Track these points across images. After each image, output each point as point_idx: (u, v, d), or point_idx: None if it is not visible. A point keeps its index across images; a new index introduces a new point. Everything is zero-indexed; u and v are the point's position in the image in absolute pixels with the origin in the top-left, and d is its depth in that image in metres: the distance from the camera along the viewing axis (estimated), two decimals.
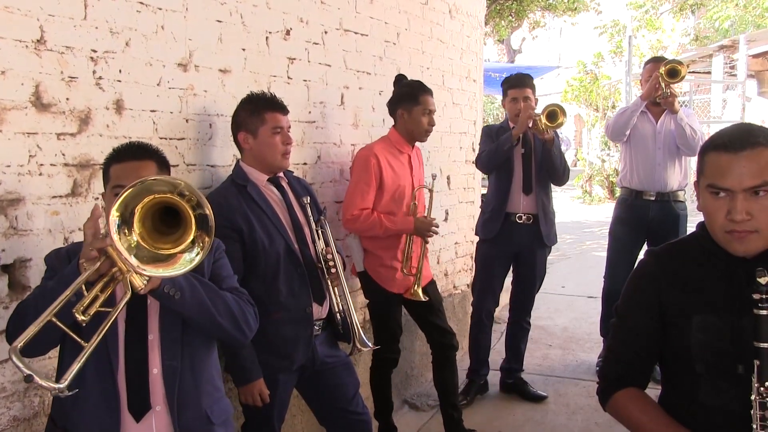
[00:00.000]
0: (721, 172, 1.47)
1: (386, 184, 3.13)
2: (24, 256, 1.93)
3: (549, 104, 3.67)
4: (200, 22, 2.48)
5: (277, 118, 2.43)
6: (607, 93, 14.29)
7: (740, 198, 1.45)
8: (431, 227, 3.18)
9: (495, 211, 3.83)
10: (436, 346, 3.39)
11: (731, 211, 1.46)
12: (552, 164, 3.71)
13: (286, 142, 2.46)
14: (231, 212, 2.33)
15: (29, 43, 1.91)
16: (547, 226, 3.81)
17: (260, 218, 2.39)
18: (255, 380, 2.33)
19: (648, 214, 4.10)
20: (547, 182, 3.84)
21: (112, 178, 1.77)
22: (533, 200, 3.79)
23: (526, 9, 13.58)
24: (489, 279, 3.95)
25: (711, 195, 1.50)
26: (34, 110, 1.94)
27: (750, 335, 1.48)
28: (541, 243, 3.82)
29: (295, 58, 3.01)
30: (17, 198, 1.91)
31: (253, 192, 2.42)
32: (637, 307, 1.68)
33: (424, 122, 3.20)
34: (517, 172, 3.78)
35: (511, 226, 3.80)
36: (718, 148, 1.49)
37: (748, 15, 18.06)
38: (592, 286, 6.70)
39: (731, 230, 1.47)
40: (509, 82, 3.88)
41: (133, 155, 1.79)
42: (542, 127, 3.60)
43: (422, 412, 3.87)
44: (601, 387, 1.73)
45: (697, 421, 1.56)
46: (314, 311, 2.47)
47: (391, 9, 3.77)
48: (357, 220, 3.09)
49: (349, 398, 2.58)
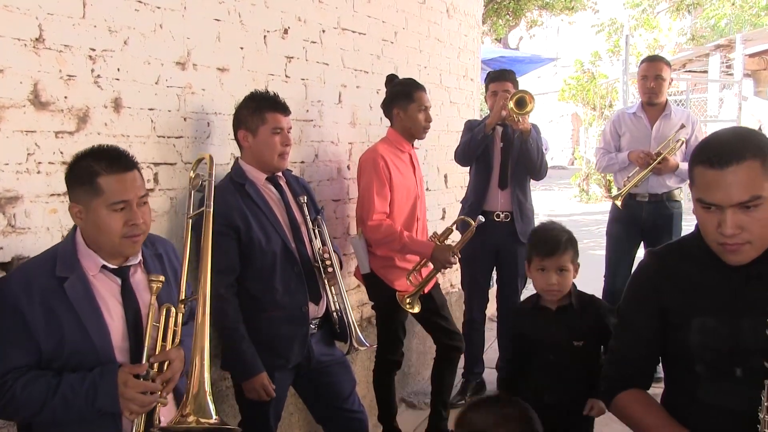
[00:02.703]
0: (708, 187, 1.44)
1: (395, 185, 3.11)
2: (22, 254, 1.93)
3: (517, 90, 3.60)
4: (198, 20, 2.48)
5: (278, 119, 2.43)
6: (604, 92, 14.29)
7: (729, 213, 1.42)
8: (449, 261, 3.08)
9: (473, 206, 3.81)
10: (443, 347, 3.37)
11: (721, 225, 1.43)
12: (528, 156, 3.69)
13: (285, 143, 2.45)
14: (228, 210, 2.33)
15: (28, 42, 1.91)
16: (524, 224, 3.77)
17: (258, 217, 2.39)
18: (258, 374, 2.33)
19: (641, 215, 4.09)
20: (525, 178, 3.81)
21: (108, 192, 1.70)
22: (508, 197, 3.77)
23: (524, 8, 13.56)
24: (473, 276, 3.95)
25: (701, 207, 1.48)
26: (33, 108, 1.94)
27: (748, 337, 1.48)
28: (519, 241, 3.75)
29: (293, 57, 3.01)
30: (15, 196, 1.92)
31: (251, 190, 2.42)
32: (638, 308, 1.68)
33: (421, 119, 3.18)
34: (495, 167, 3.76)
35: (489, 224, 3.75)
36: (704, 162, 1.45)
37: (744, 14, 18.10)
38: (590, 285, 6.65)
39: (723, 243, 1.46)
40: (490, 76, 3.89)
41: (125, 167, 1.74)
42: (513, 116, 3.51)
43: (419, 411, 3.87)
44: (604, 387, 1.74)
45: (698, 419, 1.56)
46: (310, 310, 2.47)
47: (388, 8, 3.77)
48: (379, 229, 3.04)
49: (345, 397, 2.58)
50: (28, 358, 1.66)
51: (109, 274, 1.78)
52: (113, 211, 1.71)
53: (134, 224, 1.73)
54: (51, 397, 1.63)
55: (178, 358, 1.79)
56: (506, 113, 3.53)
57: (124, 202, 1.72)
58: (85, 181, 1.71)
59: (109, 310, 1.74)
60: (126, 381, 1.66)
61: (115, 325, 1.74)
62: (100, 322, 1.71)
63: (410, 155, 3.28)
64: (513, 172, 3.75)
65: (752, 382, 1.47)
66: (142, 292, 1.82)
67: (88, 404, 1.64)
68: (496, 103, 3.61)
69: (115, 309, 1.76)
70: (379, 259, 3.18)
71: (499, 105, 3.58)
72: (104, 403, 1.65)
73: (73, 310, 1.68)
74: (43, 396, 1.63)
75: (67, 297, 1.68)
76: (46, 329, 1.65)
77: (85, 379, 1.65)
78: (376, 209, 3.05)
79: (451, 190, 4.69)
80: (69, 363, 1.68)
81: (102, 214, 1.71)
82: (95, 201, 1.70)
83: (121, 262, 1.79)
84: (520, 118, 3.52)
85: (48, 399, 1.63)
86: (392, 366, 3.32)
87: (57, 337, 1.66)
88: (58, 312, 1.66)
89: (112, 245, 1.74)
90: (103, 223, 1.71)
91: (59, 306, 1.67)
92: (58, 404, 1.64)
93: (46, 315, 1.65)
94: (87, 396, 1.64)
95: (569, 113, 20.31)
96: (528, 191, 3.87)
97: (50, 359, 1.68)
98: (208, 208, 2.00)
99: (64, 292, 1.68)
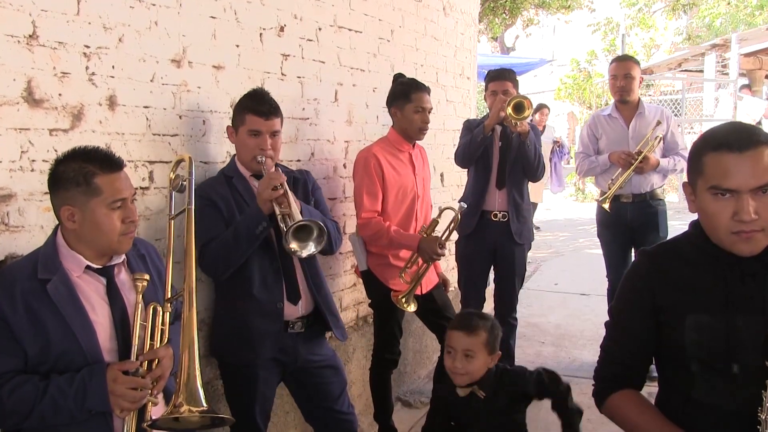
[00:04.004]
0: (725, 172, 1.43)
1: (389, 184, 3.11)
2: (15, 252, 1.91)
3: (515, 96, 3.58)
4: (194, 18, 2.47)
5: (256, 122, 2.40)
6: (600, 91, 14.36)
7: (747, 198, 1.42)
8: (436, 252, 3.04)
9: (472, 206, 3.79)
10: None
11: (739, 212, 1.42)
12: (526, 157, 3.68)
13: (261, 147, 2.41)
14: (213, 194, 2.39)
15: (21, 38, 1.90)
16: (519, 224, 3.77)
17: (242, 208, 2.41)
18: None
19: (627, 216, 4.11)
20: (521, 178, 3.80)
21: (106, 191, 1.71)
22: (505, 197, 3.76)
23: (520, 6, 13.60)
24: (470, 275, 3.95)
25: (713, 197, 1.46)
26: (26, 106, 1.93)
27: (744, 334, 1.48)
28: (515, 241, 3.77)
29: (289, 55, 3.00)
30: (9, 194, 1.90)
31: (239, 184, 2.45)
32: (631, 308, 1.67)
33: (417, 120, 3.16)
34: (493, 166, 3.76)
35: (487, 224, 3.77)
36: (719, 148, 1.44)
37: (739, 13, 18.16)
38: (585, 284, 6.73)
39: (739, 231, 1.44)
40: (490, 75, 3.88)
41: (118, 166, 1.76)
42: (511, 120, 3.49)
43: (415, 410, 3.87)
44: (597, 388, 1.73)
45: (693, 419, 1.56)
46: (288, 310, 2.45)
47: (385, 6, 3.76)
48: (368, 226, 3.06)
49: (335, 397, 2.57)
50: (14, 363, 1.64)
51: (93, 274, 1.77)
52: (112, 209, 1.73)
53: (132, 221, 1.76)
54: (39, 401, 1.61)
55: (167, 356, 1.78)
56: (504, 115, 3.53)
57: (121, 201, 1.74)
58: (80, 182, 1.70)
59: (94, 310, 1.73)
60: (116, 377, 1.65)
61: (102, 325, 1.73)
62: (85, 322, 1.69)
63: (410, 155, 3.27)
64: (510, 172, 3.75)
65: (748, 380, 1.47)
66: (127, 291, 1.82)
67: (78, 405, 1.63)
68: (495, 105, 3.60)
69: (101, 309, 1.75)
70: (375, 256, 3.19)
71: (497, 107, 3.57)
72: (94, 403, 1.64)
73: (57, 312, 1.66)
74: (30, 400, 1.61)
75: (50, 299, 1.66)
76: (31, 333, 1.64)
77: (73, 380, 1.64)
78: (365, 207, 3.07)
79: (448, 188, 4.69)
80: (56, 366, 1.66)
81: (101, 213, 1.71)
82: (93, 201, 1.71)
83: (105, 262, 1.79)
84: (517, 123, 3.52)
85: (36, 403, 1.61)
86: (389, 364, 3.32)
87: (42, 340, 1.64)
88: (42, 315, 1.65)
89: (110, 243, 1.75)
90: (103, 222, 1.72)
91: (43, 308, 1.65)
92: (47, 408, 1.62)
93: (30, 319, 1.64)
94: (76, 397, 1.62)
95: (565, 112, 20.32)
96: (525, 192, 3.87)
97: (37, 363, 1.66)
98: (189, 206, 2.02)
99: (47, 294, 1.66)
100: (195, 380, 1.74)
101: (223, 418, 1.81)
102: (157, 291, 1.88)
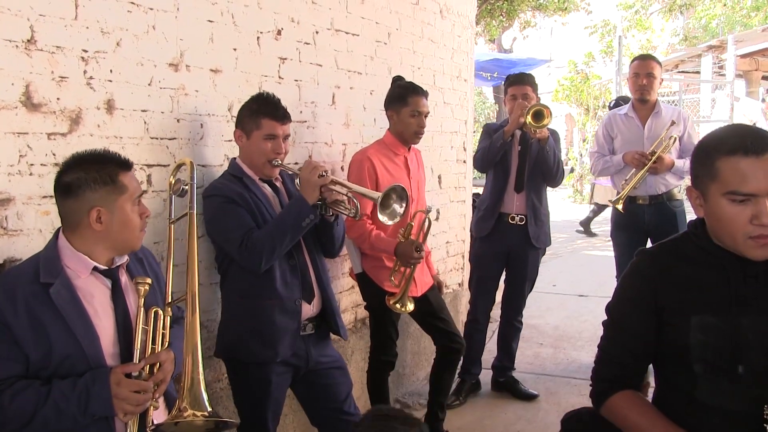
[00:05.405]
0: (743, 177, 1.40)
1: (382, 187, 3.08)
2: (14, 256, 1.92)
3: (535, 104, 3.62)
4: (191, 22, 2.48)
5: (274, 126, 2.43)
6: (597, 93, 14.34)
7: (766, 202, 1.39)
8: (412, 256, 2.98)
9: (489, 209, 3.85)
10: (445, 350, 3.37)
11: (759, 216, 1.40)
12: (545, 163, 3.72)
13: (276, 151, 2.45)
14: (232, 193, 2.38)
15: (19, 43, 1.90)
16: (537, 228, 3.80)
17: (258, 206, 2.42)
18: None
19: (644, 218, 4.04)
20: (540, 182, 3.83)
21: (130, 188, 1.78)
22: (523, 200, 3.79)
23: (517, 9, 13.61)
24: (483, 277, 3.97)
25: (730, 202, 1.44)
26: (25, 110, 1.93)
27: (749, 335, 1.47)
28: (531, 244, 3.81)
29: (287, 58, 3.01)
30: (7, 198, 1.91)
31: (249, 183, 2.46)
32: (631, 308, 1.66)
33: (413, 124, 3.16)
34: (512, 170, 3.78)
35: (504, 226, 3.81)
36: (735, 152, 1.41)
37: (735, 14, 18.20)
38: (584, 285, 6.74)
39: (758, 235, 1.42)
40: (509, 80, 3.90)
41: (130, 165, 1.82)
42: (530, 128, 3.55)
43: (414, 411, 3.87)
44: (596, 390, 1.71)
45: (696, 420, 1.55)
46: (304, 309, 2.47)
47: (382, 9, 3.77)
48: (353, 228, 3.06)
49: (342, 399, 2.58)
50: (16, 368, 1.63)
51: (99, 276, 1.77)
52: (135, 205, 1.79)
53: (147, 216, 1.84)
54: (41, 406, 1.60)
55: (169, 360, 1.79)
56: (523, 122, 3.54)
57: (139, 197, 1.81)
58: (107, 181, 1.73)
59: (98, 314, 1.73)
60: (119, 381, 1.65)
61: (106, 329, 1.73)
62: (88, 326, 1.69)
63: (405, 158, 3.27)
64: (529, 176, 3.77)
65: (753, 380, 1.47)
66: (129, 295, 1.82)
67: (81, 410, 1.62)
68: (515, 111, 3.62)
69: (105, 312, 1.75)
70: (369, 259, 3.19)
71: (517, 113, 3.59)
72: (97, 408, 1.64)
73: (60, 316, 1.66)
74: (32, 406, 1.60)
75: (53, 303, 1.66)
76: (34, 338, 1.63)
77: (76, 385, 1.63)
78: None
79: (445, 190, 4.69)
80: (58, 371, 1.66)
81: (128, 210, 1.76)
82: (120, 199, 1.75)
83: (110, 263, 1.80)
84: (537, 130, 3.54)
85: (38, 408, 1.60)
86: (386, 367, 3.32)
87: (45, 345, 1.64)
88: (45, 319, 1.64)
89: (132, 239, 1.79)
90: (129, 218, 1.76)
91: (45, 313, 1.65)
92: (50, 413, 1.61)
93: (32, 323, 1.63)
94: (79, 402, 1.62)
95: (563, 114, 20.33)
96: (544, 196, 3.89)
97: (39, 368, 1.65)
98: (191, 210, 2.03)
99: (49, 298, 1.66)
100: (199, 384, 1.76)
101: (227, 422, 1.81)
102: (156, 294, 1.88)
